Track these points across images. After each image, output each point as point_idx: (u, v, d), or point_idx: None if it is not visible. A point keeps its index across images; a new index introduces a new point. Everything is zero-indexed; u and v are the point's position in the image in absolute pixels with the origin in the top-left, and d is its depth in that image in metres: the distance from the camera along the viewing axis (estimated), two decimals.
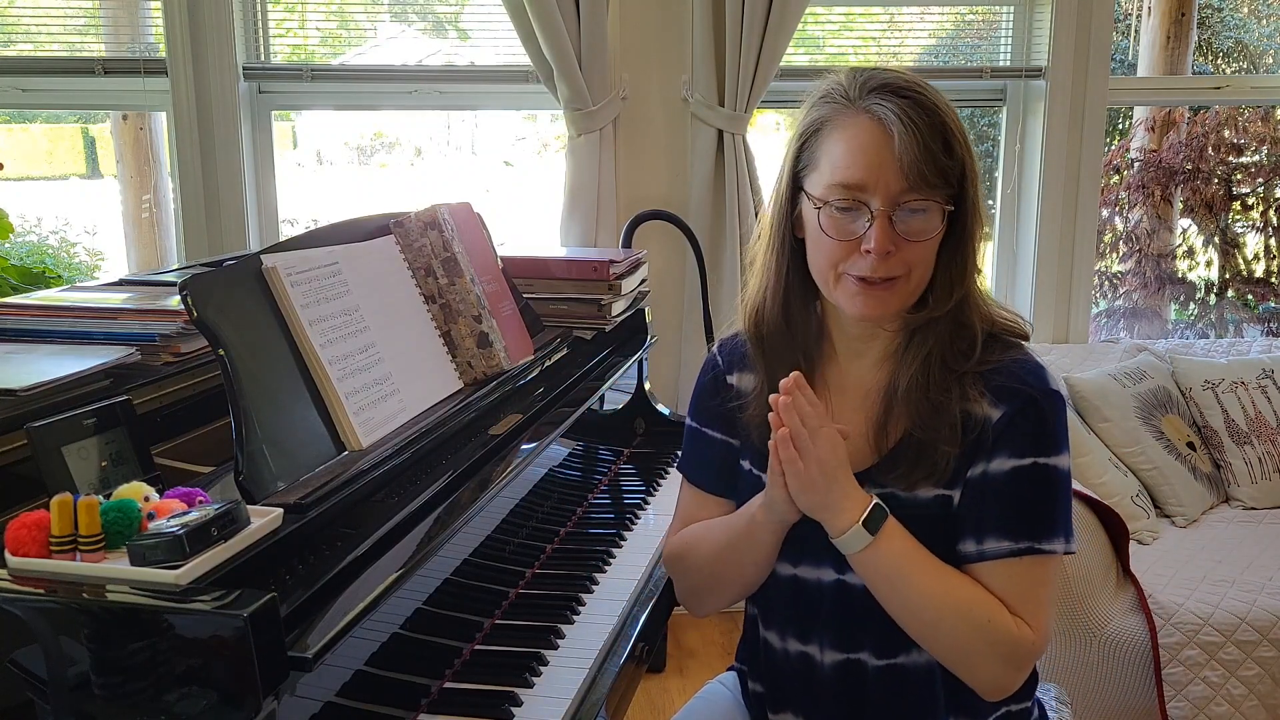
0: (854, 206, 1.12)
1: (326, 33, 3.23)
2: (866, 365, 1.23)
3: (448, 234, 1.54)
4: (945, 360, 1.16)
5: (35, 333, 1.33)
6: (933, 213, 1.12)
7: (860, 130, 1.12)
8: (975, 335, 1.17)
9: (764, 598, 1.30)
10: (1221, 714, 2.22)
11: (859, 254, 1.13)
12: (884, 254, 1.11)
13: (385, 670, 1.11)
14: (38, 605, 0.86)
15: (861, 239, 1.12)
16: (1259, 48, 4.96)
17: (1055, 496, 1.14)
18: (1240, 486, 2.77)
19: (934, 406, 1.15)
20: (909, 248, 1.12)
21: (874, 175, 1.10)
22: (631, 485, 1.90)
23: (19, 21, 3.08)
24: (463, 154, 4.64)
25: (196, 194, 2.89)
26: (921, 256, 1.14)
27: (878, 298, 1.14)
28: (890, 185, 1.10)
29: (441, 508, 1.22)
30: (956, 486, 1.16)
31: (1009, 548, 1.12)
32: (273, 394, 1.16)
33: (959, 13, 3.31)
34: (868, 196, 1.11)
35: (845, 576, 1.20)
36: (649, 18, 2.86)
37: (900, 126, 1.09)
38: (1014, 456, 1.13)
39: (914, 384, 1.16)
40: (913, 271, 1.14)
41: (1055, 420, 1.14)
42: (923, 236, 1.12)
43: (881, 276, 1.12)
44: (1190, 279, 3.80)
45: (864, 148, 1.11)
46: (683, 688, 2.63)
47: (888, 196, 1.10)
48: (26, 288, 2.60)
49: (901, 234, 1.11)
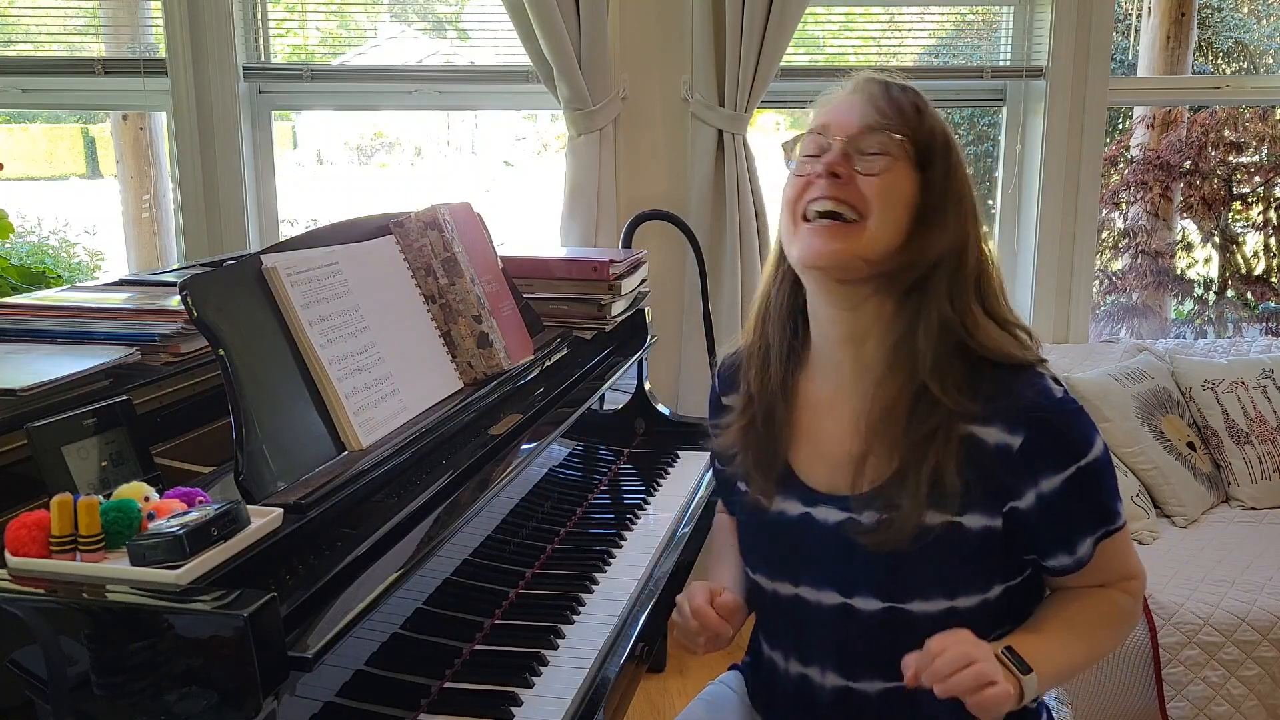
0: (817, 150, 1.15)
1: (326, 33, 3.23)
2: (846, 378, 1.21)
3: (448, 234, 1.54)
4: (929, 389, 1.12)
5: (35, 333, 1.33)
6: (892, 153, 1.13)
7: (832, 97, 1.20)
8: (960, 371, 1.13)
9: (767, 617, 1.30)
10: (1221, 714, 2.22)
11: (815, 186, 1.14)
12: (829, 173, 1.12)
13: (385, 670, 1.11)
14: (38, 605, 0.86)
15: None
16: (1259, 48, 4.95)
17: (1107, 482, 1.16)
18: (1240, 486, 2.77)
19: (923, 436, 1.12)
20: (864, 181, 1.12)
21: (835, 115, 1.16)
22: (631, 485, 1.90)
23: (19, 21, 3.08)
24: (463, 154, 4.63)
25: (196, 194, 2.89)
26: (877, 194, 1.12)
27: (827, 236, 1.12)
28: (847, 127, 1.14)
29: (441, 508, 1.22)
30: (974, 513, 1.13)
31: (1092, 542, 1.15)
32: (273, 394, 1.16)
33: (959, 13, 3.31)
34: (828, 138, 1.14)
35: (851, 600, 1.18)
36: (649, 18, 2.86)
37: (864, 80, 1.17)
38: (1058, 471, 1.12)
39: (893, 414, 1.14)
40: (870, 216, 1.12)
41: (1077, 423, 1.14)
42: (876, 169, 1.12)
43: (830, 198, 1.12)
44: (1189, 277, 3.80)
45: (831, 102, 1.19)
46: (683, 688, 2.63)
47: (844, 129, 1.14)
48: (26, 288, 2.59)
49: (859, 170, 1.12)
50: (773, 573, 1.26)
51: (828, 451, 1.21)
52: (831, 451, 1.21)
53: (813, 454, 1.23)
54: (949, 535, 1.14)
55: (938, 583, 1.15)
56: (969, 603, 1.16)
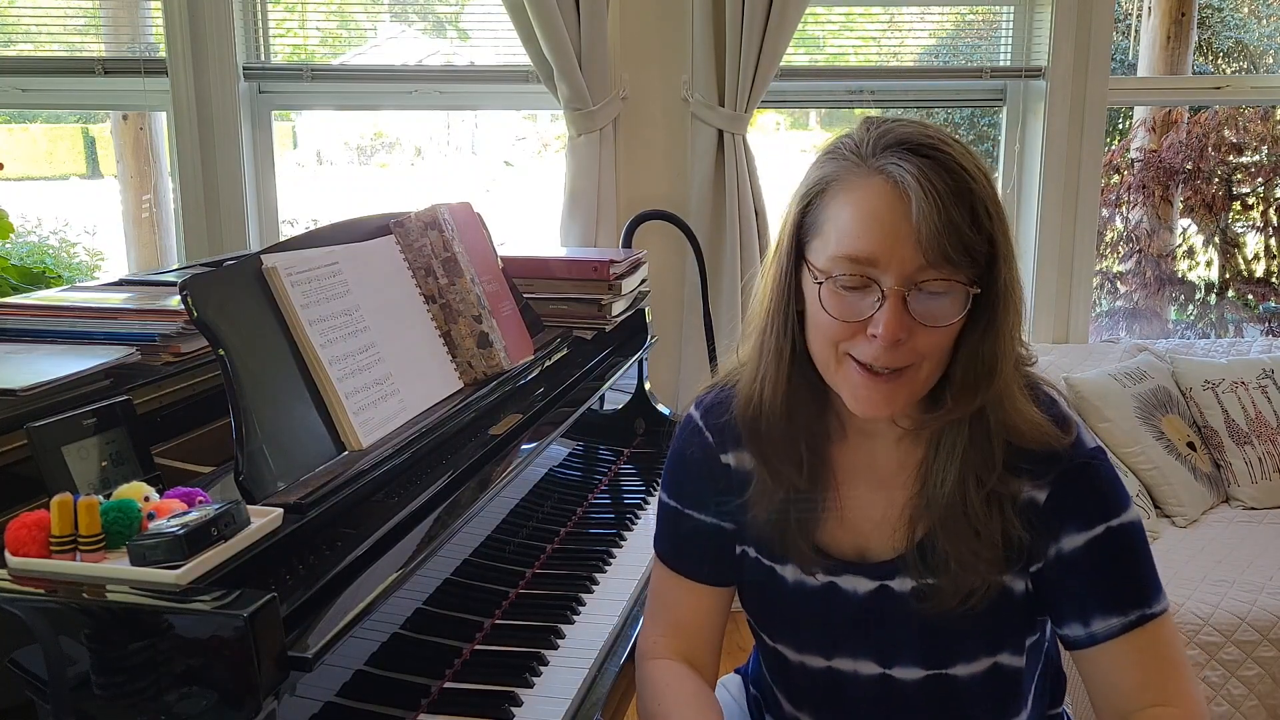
0: (862, 284, 0.96)
1: (326, 33, 3.23)
2: (884, 444, 1.10)
3: (448, 234, 1.54)
4: (980, 478, 1.02)
5: (35, 333, 1.33)
6: (954, 295, 0.96)
7: (872, 194, 0.95)
8: (995, 450, 1.02)
9: (794, 685, 1.20)
10: (1221, 714, 2.22)
11: (864, 337, 0.98)
12: (894, 342, 0.95)
13: (385, 670, 1.11)
14: (38, 605, 0.86)
15: (869, 321, 0.97)
16: (1259, 48, 4.95)
17: (1140, 555, 1.04)
18: (1240, 486, 2.77)
19: (974, 529, 1.03)
20: (922, 334, 0.96)
21: (886, 248, 0.94)
22: (631, 485, 1.90)
23: (19, 21, 3.08)
24: (463, 154, 4.63)
25: (196, 194, 2.89)
26: (936, 345, 0.98)
27: (884, 393, 0.99)
28: (906, 262, 0.94)
29: (441, 508, 1.22)
30: (1011, 570, 1.06)
31: (1120, 623, 1.03)
32: (273, 394, 1.16)
33: (959, 13, 3.31)
34: (878, 273, 0.95)
35: (891, 671, 1.11)
36: (649, 18, 2.86)
37: (919, 191, 0.93)
38: (1083, 530, 1.03)
39: (951, 504, 1.03)
40: (924, 362, 0.99)
41: (1108, 478, 1.05)
42: (940, 322, 0.96)
43: (888, 366, 0.98)
44: (1190, 279, 3.80)
45: (875, 214, 0.95)
46: None
47: (902, 275, 0.94)
48: (26, 288, 2.60)
49: (916, 317, 0.96)
50: (800, 645, 1.17)
51: (851, 517, 1.12)
52: (856, 517, 1.12)
53: (834, 520, 1.12)
54: (992, 597, 1.06)
55: (980, 644, 1.09)
56: (1013, 660, 1.11)
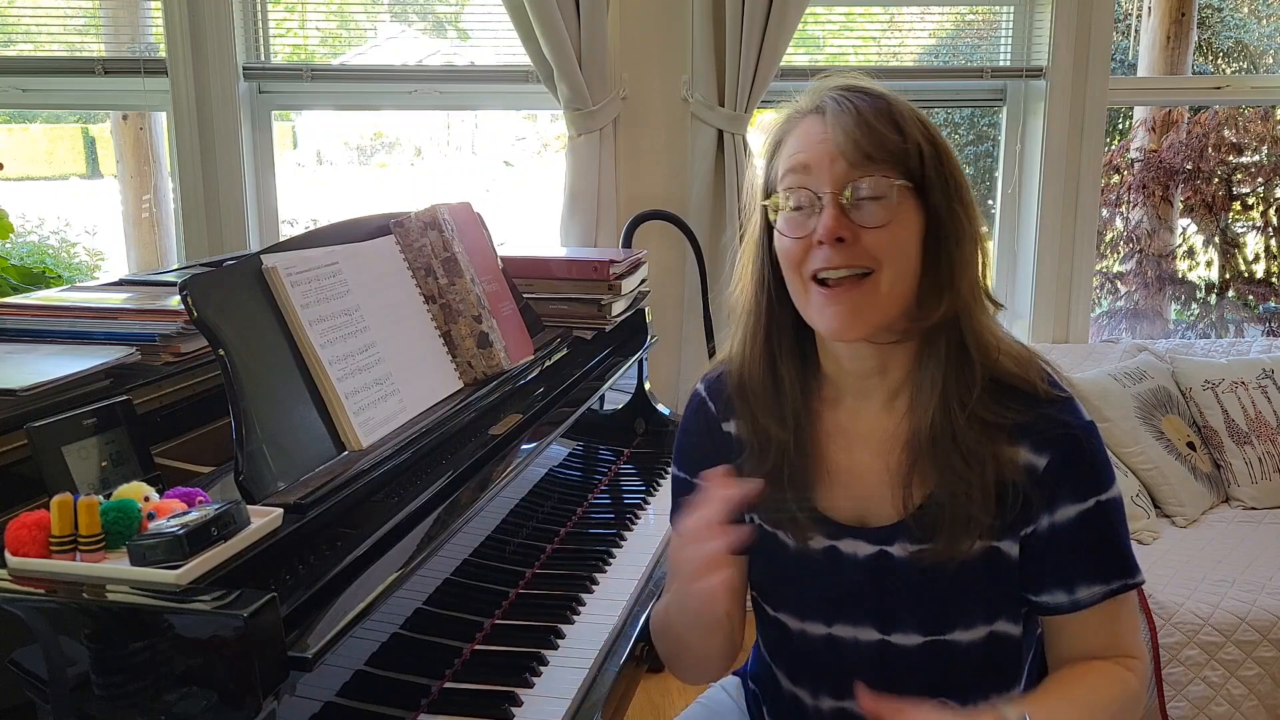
0: (806, 203, 1.05)
1: (326, 33, 3.23)
2: (874, 407, 1.14)
3: (448, 234, 1.54)
4: (962, 400, 1.07)
5: (35, 333, 1.33)
6: (892, 199, 1.03)
7: (807, 123, 1.08)
8: (975, 367, 1.07)
9: (793, 656, 1.22)
10: (1221, 714, 2.22)
11: (817, 248, 1.05)
12: (833, 239, 1.03)
13: (385, 670, 1.11)
14: (38, 605, 0.86)
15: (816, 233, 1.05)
16: (1259, 48, 4.95)
17: (1123, 529, 1.11)
18: (1240, 486, 2.77)
19: (964, 457, 1.06)
20: (867, 236, 1.03)
21: (816, 156, 1.05)
22: (631, 485, 1.90)
23: (19, 21, 3.08)
24: (463, 154, 4.63)
25: (196, 194, 2.89)
26: (886, 248, 1.04)
27: (848, 305, 1.04)
28: (832, 164, 1.04)
29: (441, 508, 1.22)
30: (1006, 538, 1.09)
31: (1103, 591, 1.09)
32: (273, 394, 1.16)
33: (959, 13, 3.31)
34: (814, 183, 1.05)
35: (890, 637, 1.13)
36: (649, 18, 2.86)
37: (835, 106, 1.05)
38: (1076, 502, 1.08)
39: (939, 431, 1.07)
40: (882, 268, 1.04)
41: (1101, 453, 1.10)
42: (879, 221, 1.03)
43: (839, 266, 1.04)
44: (1190, 279, 3.80)
45: (807, 133, 1.07)
46: (683, 689, 2.63)
47: (833, 178, 1.04)
48: (26, 288, 2.60)
49: (856, 221, 1.03)
50: (801, 612, 1.19)
51: (849, 481, 1.15)
52: (854, 482, 1.14)
53: (833, 485, 1.15)
54: (988, 560, 1.10)
55: (978, 610, 1.12)
56: (1010, 629, 1.13)
